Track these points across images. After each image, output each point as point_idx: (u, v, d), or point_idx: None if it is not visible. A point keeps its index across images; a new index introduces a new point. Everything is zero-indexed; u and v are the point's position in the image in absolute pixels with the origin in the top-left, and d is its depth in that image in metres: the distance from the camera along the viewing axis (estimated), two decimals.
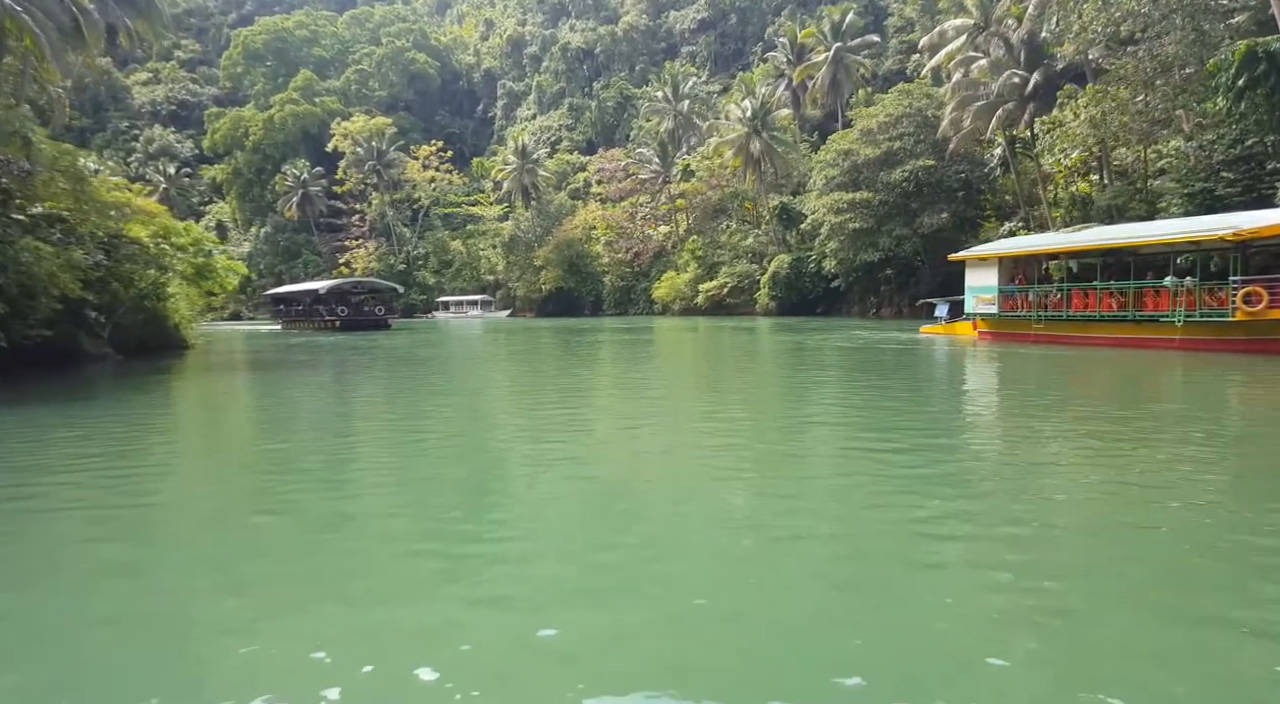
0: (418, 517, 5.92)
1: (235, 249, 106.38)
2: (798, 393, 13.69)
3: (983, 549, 4.85)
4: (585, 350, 26.99)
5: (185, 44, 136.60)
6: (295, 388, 16.56)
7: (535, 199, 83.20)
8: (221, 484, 7.53)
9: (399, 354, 27.20)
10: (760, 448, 8.43)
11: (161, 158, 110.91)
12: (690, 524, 5.58)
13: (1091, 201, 33.84)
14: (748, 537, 5.21)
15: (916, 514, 5.50)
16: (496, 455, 8.60)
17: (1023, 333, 22.66)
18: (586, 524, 5.69)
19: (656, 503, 6.23)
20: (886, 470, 7.04)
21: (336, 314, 54.61)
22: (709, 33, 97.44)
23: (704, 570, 4.61)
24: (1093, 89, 30.44)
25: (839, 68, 58.76)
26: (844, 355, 20.17)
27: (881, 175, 43.77)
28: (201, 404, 14.51)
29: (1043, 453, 7.88)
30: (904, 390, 13.35)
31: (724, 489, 6.57)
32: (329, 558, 4.99)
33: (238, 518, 6.06)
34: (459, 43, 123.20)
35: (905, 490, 6.24)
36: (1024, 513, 5.49)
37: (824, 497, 6.30)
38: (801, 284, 54.68)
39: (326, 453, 8.87)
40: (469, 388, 15.80)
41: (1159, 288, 18.54)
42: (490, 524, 5.73)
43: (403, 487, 6.96)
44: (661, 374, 17.67)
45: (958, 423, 10.02)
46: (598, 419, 11.08)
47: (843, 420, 10.13)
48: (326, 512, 6.10)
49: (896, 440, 8.39)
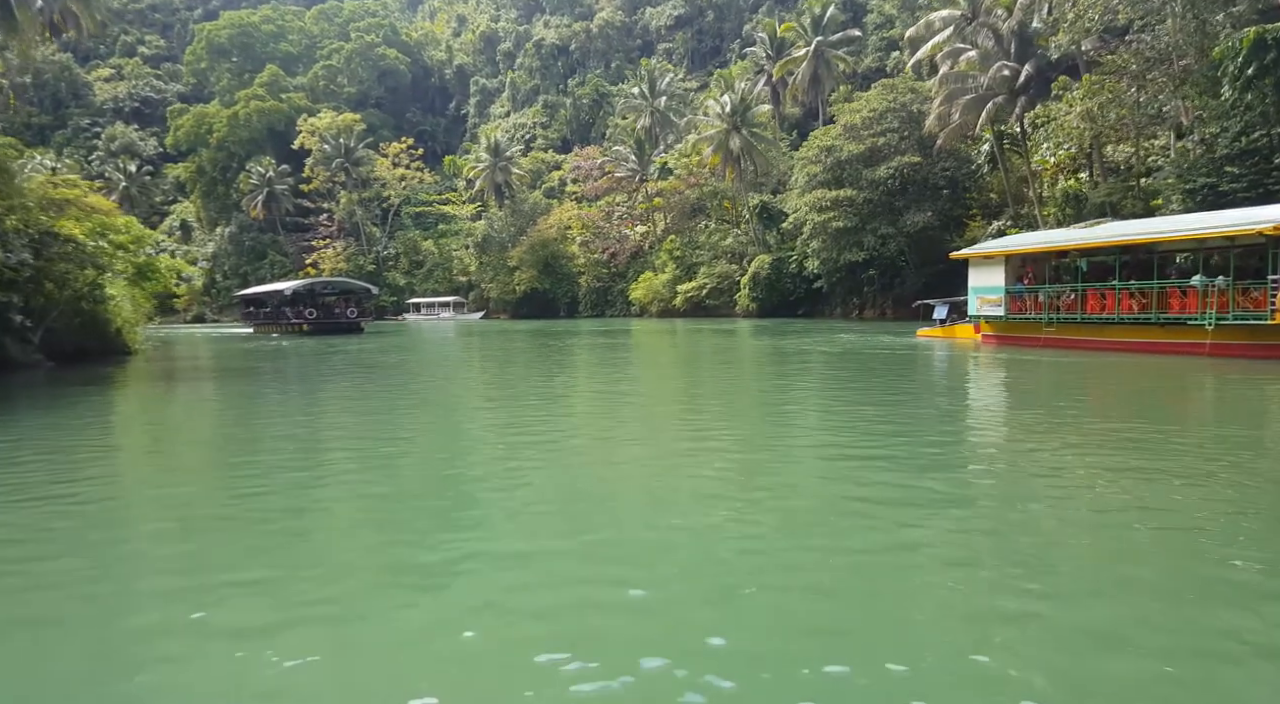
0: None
1: (200, 249, 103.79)
2: (786, 407, 12.03)
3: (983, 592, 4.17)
4: (559, 356, 25.21)
5: (149, 39, 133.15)
6: (242, 404, 14.64)
7: (509, 198, 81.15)
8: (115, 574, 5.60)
9: (365, 360, 25.16)
10: (747, 483, 6.76)
11: (122, 156, 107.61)
12: (674, 556, 4.93)
13: (1085, 199, 32.60)
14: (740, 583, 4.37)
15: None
16: (470, 486, 6.88)
17: (1032, 337, 21.08)
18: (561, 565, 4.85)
19: (642, 550, 5.11)
20: (891, 506, 5.73)
21: (304, 317, 51.35)
22: (685, 29, 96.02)
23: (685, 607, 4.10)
24: (1089, 80, 29.17)
25: (820, 63, 57.39)
26: (834, 363, 18.53)
27: (866, 172, 42.39)
28: (127, 425, 12.52)
29: (1062, 484, 6.46)
30: (912, 406, 11.70)
31: (708, 516, 5.75)
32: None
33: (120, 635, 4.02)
34: (430, 38, 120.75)
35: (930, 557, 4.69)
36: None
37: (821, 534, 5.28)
38: (782, 285, 53.27)
39: (266, 489, 7.06)
40: (442, 403, 13.97)
41: (1186, 288, 17.00)
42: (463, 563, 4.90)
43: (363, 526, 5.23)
44: (637, 388, 15.98)
45: (967, 445, 8.41)
46: (572, 449, 9.34)
47: (835, 443, 8.47)
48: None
49: (903, 472, 6.84)
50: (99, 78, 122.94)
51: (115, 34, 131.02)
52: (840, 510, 5.79)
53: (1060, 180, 38.47)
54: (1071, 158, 36.92)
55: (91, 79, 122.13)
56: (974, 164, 42.64)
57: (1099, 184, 34.22)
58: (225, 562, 5.01)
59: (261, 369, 23.17)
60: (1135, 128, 29.61)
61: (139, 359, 27.75)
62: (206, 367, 25.19)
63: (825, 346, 23.35)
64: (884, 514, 5.55)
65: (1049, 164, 38.16)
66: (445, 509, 6.22)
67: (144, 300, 33.15)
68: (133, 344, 29.71)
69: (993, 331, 22.64)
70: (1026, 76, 33.63)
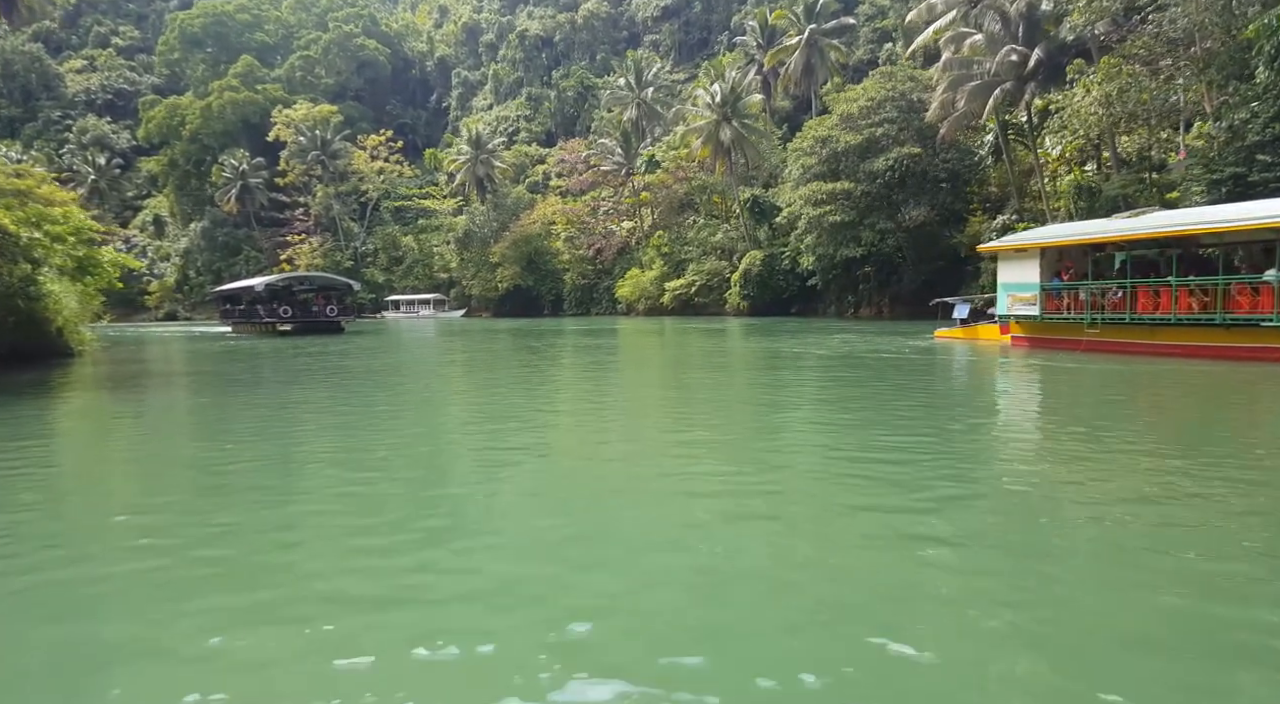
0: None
1: (172, 245, 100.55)
2: (792, 434, 9.97)
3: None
4: (541, 366, 23.09)
5: (124, 30, 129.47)
6: (172, 422, 12.44)
7: (491, 192, 78.71)
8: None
9: (343, 365, 22.82)
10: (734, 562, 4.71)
11: (91, 148, 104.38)
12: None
13: (1098, 191, 30.77)
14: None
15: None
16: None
17: (1072, 339, 18.86)
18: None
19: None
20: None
21: (278, 315, 47.11)
22: (673, 21, 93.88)
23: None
24: (1107, 62, 27.29)
25: (813, 51, 55.35)
26: (845, 372, 16.49)
27: (863, 164, 40.45)
28: (49, 444, 10.27)
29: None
30: (946, 441, 9.65)
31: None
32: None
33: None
34: (411, 30, 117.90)
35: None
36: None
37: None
38: (775, 282, 51.32)
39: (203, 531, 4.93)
40: (423, 424, 11.81)
41: (1259, 284, 14.97)
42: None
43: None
44: (625, 398, 13.91)
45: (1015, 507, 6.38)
46: (553, 482, 7.25)
47: (848, 480, 6.43)
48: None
49: (959, 549, 4.77)
50: (71, 69, 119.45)
51: (88, 24, 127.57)
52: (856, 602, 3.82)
53: (1064, 174, 36.73)
54: (1079, 150, 35.15)
55: (63, 71, 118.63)
56: (976, 156, 40.76)
57: (1109, 176, 32.43)
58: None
59: (219, 374, 20.88)
60: (1156, 115, 27.78)
61: (82, 362, 25.39)
62: (154, 371, 22.80)
63: (828, 349, 21.26)
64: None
65: (1053, 157, 36.38)
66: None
67: (92, 297, 30.74)
68: (76, 345, 27.33)
69: (1025, 333, 20.44)
70: (1036, 61, 31.75)
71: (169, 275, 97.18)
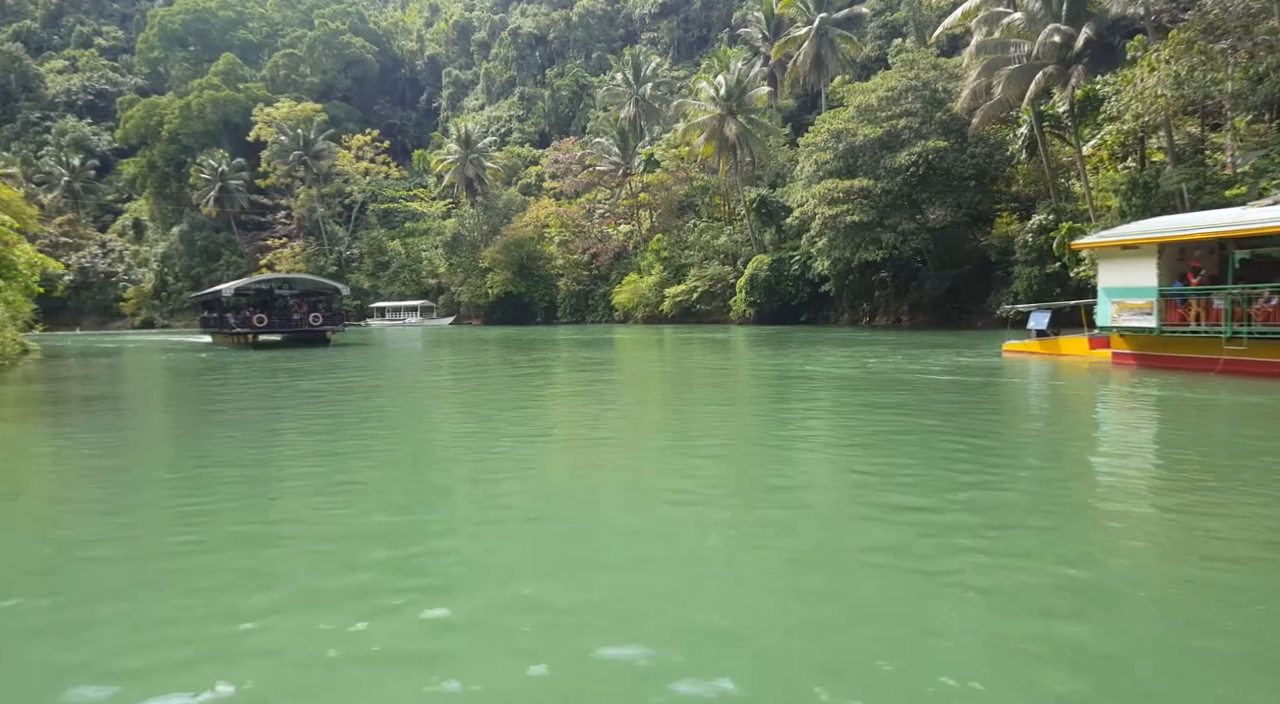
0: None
1: (150, 250, 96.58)
2: (867, 498, 6.43)
3: None
4: (531, 383, 19.54)
5: (106, 30, 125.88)
6: (86, 460, 8.86)
7: (481, 194, 75.12)
8: None
9: (311, 387, 19.24)
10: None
11: (66, 149, 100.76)
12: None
13: (1155, 187, 27.33)
14: None
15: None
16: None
17: (1203, 359, 15.04)
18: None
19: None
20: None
21: (251, 324, 40.90)
22: (671, 17, 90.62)
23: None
24: (1176, 37, 23.85)
25: (823, 42, 51.96)
26: (898, 395, 12.92)
27: (884, 160, 37.02)
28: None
29: None
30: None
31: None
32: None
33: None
34: (401, 28, 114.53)
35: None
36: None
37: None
38: (783, 288, 47.84)
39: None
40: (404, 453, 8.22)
41: None
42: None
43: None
44: (618, 434, 10.35)
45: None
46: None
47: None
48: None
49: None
50: (51, 70, 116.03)
51: (70, 24, 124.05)
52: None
53: (1101, 170, 33.35)
54: (1121, 143, 31.74)
55: (44, 71, 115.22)
56: (1008, 150, 37.31)
57: (1160, 170, 29.01)
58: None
59: (166, 395, 17.27)
60: (1232, 97, 24.38)
61: (3, 377, 21.75)
62: (76, 394, 19.00)
63: (865, 369, 17.69)
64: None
65: (1089, 153, 33.01)
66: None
67: (22, 304, 27.09)
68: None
69: (1133, 349, 16.54)
70: (1085, 40, 28.37)
71: (146, 281, 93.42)
